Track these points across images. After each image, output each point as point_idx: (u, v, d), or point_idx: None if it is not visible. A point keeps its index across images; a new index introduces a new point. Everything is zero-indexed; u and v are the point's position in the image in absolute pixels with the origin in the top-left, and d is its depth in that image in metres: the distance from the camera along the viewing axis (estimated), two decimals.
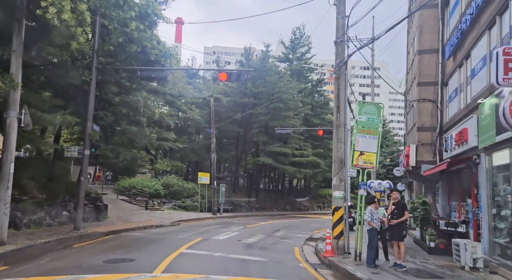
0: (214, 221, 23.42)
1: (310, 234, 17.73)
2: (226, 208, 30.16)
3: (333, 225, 11.13)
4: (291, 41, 41.03)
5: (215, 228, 18.27)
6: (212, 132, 27.73)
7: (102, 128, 16.13)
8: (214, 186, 27.26)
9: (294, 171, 34.31)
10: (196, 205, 27.73)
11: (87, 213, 16.66)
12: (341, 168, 11.28)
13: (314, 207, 43.87)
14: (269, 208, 36.99)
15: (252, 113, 34.05)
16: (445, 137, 13.10)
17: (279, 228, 19.72)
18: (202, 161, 37.41)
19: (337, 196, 11.16)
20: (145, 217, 20.56)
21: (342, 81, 11.58)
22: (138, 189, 26.31)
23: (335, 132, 11.52)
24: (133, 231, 15.89)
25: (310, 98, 40.22)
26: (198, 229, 17.64)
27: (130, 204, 24.67)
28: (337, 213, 11.07)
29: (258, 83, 32.82)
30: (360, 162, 10.06)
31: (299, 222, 25.24)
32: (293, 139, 35.35)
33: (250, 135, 35.24)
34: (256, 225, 21.52)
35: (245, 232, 17.02)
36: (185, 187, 28.27)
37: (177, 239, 13.54)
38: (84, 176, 14.25)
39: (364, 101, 10.17)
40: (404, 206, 9.49)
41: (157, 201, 26.57)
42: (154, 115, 16.12)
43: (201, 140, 36.67)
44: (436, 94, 14.32)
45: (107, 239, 13.24)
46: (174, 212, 25.23)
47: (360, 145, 10.05)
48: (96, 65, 14.40)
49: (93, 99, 14.36)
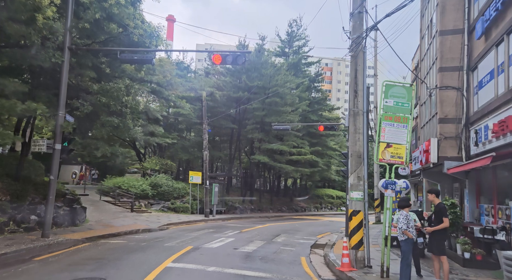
0: (207, 224, 21.44)
1: (314, 240, 15.87)
2: (219, 209, 28.19)
3: (350, 233, 9.25)
4: (287, 34, 39.14)
5: (207, 233, 16.31)
6: (205, 127, 25.73)
7: (78, 119, 14.06)
8: (206, 186, 25.28)
9: (292, 170, 32.45)
10: (187, 206, 25.71)
11: (61, 217, 14.59)
12: (359, 164, 9.41)
13: (311, 208, 42.09)
14: (264, 209, 35.10)
15: (247, 109, 32.13)
16: (475, 128, 11.31)
17: (278, 233, 17.83)
18: (193, 160, 35.36)
19: (355, 197, 9.29)
20: (129, 221, 18.52)
21: (360, 60, 9.70)
22: (124, 190, 24.21)
23: (352, 121, 9.64)
24: (113, 237, 13.86)
25: (307, 93, 38.38)
26: (188, 234, 15.66)
27: (114, 206, 22.57)
28: (355, 218, 9.19)
29: (253, 76, 30.91)
30: (386, 156, 8.18)
31: (298, 225, 23.37)
32: (290, 136, 33.50)
33: (244, 132, 33.31)
34: (253, 228, 19.60)
35: (242, 238, 15.09)
36: (175, 187, 26.20)
37: (163, 248, 11.56)
38: (54, 174, 12.19)
39: (391, 81, 8.28)
40: (443, 210, 7.63)
41: (144, 202, 24.49)
42: (138, 106, 14.10)
43: (192, 137, 34.62)
44: (461, 81, 12.53)
45: (79, 249, 11.21)
46: (163, 214, 23.18)
47: (386, 136, 8.18)
48: (69, 45, 12.36)
49: (65, 85, 12.31)
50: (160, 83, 15.79)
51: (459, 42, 12.60)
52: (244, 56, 12.48)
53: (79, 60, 13.07)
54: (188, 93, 31.14)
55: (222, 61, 12.43)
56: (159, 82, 15.83)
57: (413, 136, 20.73)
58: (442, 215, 7.60)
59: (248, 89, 31.07)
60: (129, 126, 14.33)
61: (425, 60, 15.95)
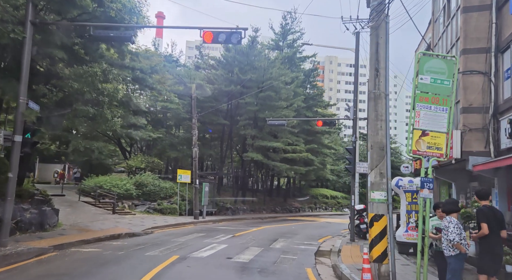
0: (196, 227, 19.62)
1: (316, 245, 14.19)
2: (210, 210, 26.38)
3: (371, 242, 7.55)
4: (282, 27, 37.45)
5: (197, 238, 14.52)
6: (194, 122, 23.89)
7: (47, 108, 12.16)
8: (196, 186, 23.44)
9: (286, 168, 30.76)
10: (175, 207, 23.84)
11: (27, 221, 12.65)
12: (381, 157, 7.71)
13: (305, 208, 40.47)
14: (257, 210, 33.35)
15: (239, 104, 30.36)
16: (508, 118, 9.72)
17: (275, 237, 16.11)
18: (183, 158, 33.44)
19: (377, 198, 7.59)
20: (109, 224, 16.62)
21: (383, 31, 7.99)
22: (106, 189, 22.24)
23: (372, 106, 7.94)
24: (87, 244, 11.98)
25: (302, 89, 36.75)
26: (175, 239, 13.84)
27: (94, 208, 20.59)
28: (378, 224, 7.49)
29: (246, 69, 29.16)
30: (422, 147, 6.52)
31: (295, 227, 21.68)
32: (285, 133, 31.82)
33: (236, 129, 31.55)
34: (247, 232, 17.86)
35: (235, 244, 13.33)
36: (162, 187, 24.28)
37: (144, 259, 9.75)
38: (14, 171, 10.27)
39: (428, 53, 6.59)
40: (478, 215, 5.99)
41: (128, 203, 22.55)
42: (117, 93, 12.25)
43: (182, 134, 32.69)
44: (489, 65, 10.95)
45: (42, 261, 9.34)
46: (148, 216, 21.28)
47: (422, 121, 6.51)
48: (31, 18, 10.45)
49: (27, 65, 10.41)
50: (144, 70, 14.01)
51: (486, 20, 11.02)
52: (240, 34, 10.68)
53: (46, 37, 11.16)
54: (177, 86, 29.26)
55: (214, 39, 10.66)
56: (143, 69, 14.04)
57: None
58: (478, 220, 6.00)
59: (241, 83, 29.30)
60: (107, 116, 12.46)
61: (440, 45, 14.35)
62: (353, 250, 13.12)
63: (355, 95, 15.68)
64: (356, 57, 15.61)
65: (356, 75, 15.69)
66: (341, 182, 51.72)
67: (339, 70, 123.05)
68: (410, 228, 11.63)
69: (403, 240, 11.68)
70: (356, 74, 15.71)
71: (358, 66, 15.70)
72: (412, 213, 11.72)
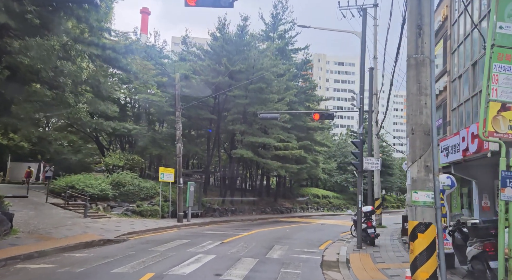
0: (179, 231, 17.40)
1: (319, 253, 12.18)
2: (196, 212, 24.16)
3: (414, 261, 5.51)
4: (272, 17, 35.39)
5: (179, 246, 12.33)
6: (178, 115, 21.64)
7: None
8: (180, 185, 21.18)
9: (278, 166, 28.70)
10: (156, 209, 21.54)
11: None
12: (427, 145, 5.69)
13: (296, 209, 38.54)
14: (247, 211, 31.24)
15: (227, 97, 28.19)
16: None
17: (270, 243, 14.02)
18: (167, 156, 31.03)
19: (422, 201, 5.57)
20: (77, 230, 14.29)
21: None
22: (78, 190, 19.83)
23: (413, 76, 5.90)
24: (41, 258, 9.70)
25: (294, 83, 34.77)
26: (153, 249, 11.63)
27: (63, 210, 18.19)
28: (424, 236, 5.47)
29: (235, 59, 26.97)
30: (501, 127, 4.50)
31: (290, 231, 19.64)
32: (276, 129, 29.79)
33: (224, 124, 29.38)
34: (237, 237, 15.73)
35: (225, 254, 11.19)
36: (142, 187, 21.91)
37: (107, 279, 7.55)
38: None
39: None
40: None
41: (103, 205, 20.17)
42: (81, 73, 9.95)
43: (165, 130, 30.35)
44: None
45: None
46: (125, 219, 18.96)
47: (501, 89, 4.52)
48: None
49: None
50: (117, 49, 11.79)
51: None
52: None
53: None
54: (160, 77, 26.95)
55: (198, 1, 8.50)
56: (116, 48, 11.80)
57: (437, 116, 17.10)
58: None
59: (229, 74, 27.15)
60: (68, 101, 10.16)
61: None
62: (363, 259, 11.15)
63: (361, 81, 13.71)
64: (363, 37, 13.65)
65: (362, 58, 13.71)
66: (332, 181, 50.01)
67: (328, 68, 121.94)
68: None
69: None
70: (363, 57, 13.74)
71: (365, 48, 13.74)
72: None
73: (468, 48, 13.30)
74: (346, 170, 49.75)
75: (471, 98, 12.75)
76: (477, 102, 11.30)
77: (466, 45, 13.17)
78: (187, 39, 34.97)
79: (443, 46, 15.96)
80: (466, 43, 13.26)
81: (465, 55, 13.09)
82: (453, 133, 13.25)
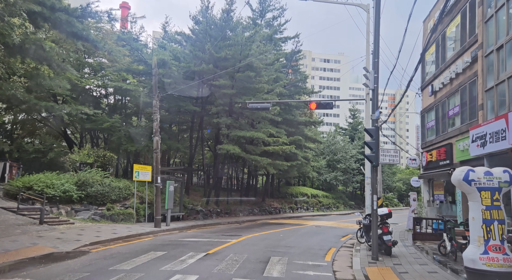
0: (156, 239, 14.68)
1: (327, 268, 9.74)
2: (176, 214, 21.48)
3: None
4: (260, 3, 32.84)
5: (152, 261, 9.68)
6: (155, 104, 18.90)
7: None
8: (157, 184, 18.46)
9: (267, 163, 26.20)
10: (131, 213, 18.74)
11: None
12: None
13: (286, 209, 36.14)
14: (233, 212, 28.67)
15: (212, 87, 25.50)
16: None
17: (266, 254, 11.49)
18: (145, 153, 28.21)
19: None
20: (25, 241, 11.47)
21: None
22: (37, 191, 16.88)
23: None
24: None
25: (284, 74, 32.32)
26: (116, 267, 8.94)
27: (14, 216, 15.23)
28: None
29: (220, 45, 24.34)
30: None
31: (284, 236, 17.15)
32: (265, 123, 27.37)
33: (209, 117, 26.73)
34: (225, 246, 13.12)
35: (211, 273, 8.60)
36: (114, 187, 19.00)
37: None
38: None
39: None
40: None
41: (66, 209, 17.26)
42: (10, 31, 7.17)
43: (143, 124, 27.43)
44: None
45: None
46: (91, 226, 16.11)
47: None
48: None
49: None
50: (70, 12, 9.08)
51: None
52: None
53: None
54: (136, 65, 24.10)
55: None
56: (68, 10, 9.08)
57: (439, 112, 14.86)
58: None
59: (214, 62, 24.49)
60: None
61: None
62: (386, 276, 8.74)
63: (375, 56, 11.32)
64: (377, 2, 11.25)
65: (377, 27, 11.31)
66: (321, 179, 47.86)
67: (313, 65, 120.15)
68: (493, 248, 7.34)
69: (481, 267, 7.37)
70: (377, 27, 11.34)
71: (379, 16, 11.36)
72: (494, 223, 7.44)
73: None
74: (335, 167, 47.76)
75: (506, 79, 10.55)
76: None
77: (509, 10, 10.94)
78: (167, 26, 32.12)
79: (469, 14, 13.76)
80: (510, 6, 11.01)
81: (508, 23, 10.86)
82: (488, 118, 11.03)
